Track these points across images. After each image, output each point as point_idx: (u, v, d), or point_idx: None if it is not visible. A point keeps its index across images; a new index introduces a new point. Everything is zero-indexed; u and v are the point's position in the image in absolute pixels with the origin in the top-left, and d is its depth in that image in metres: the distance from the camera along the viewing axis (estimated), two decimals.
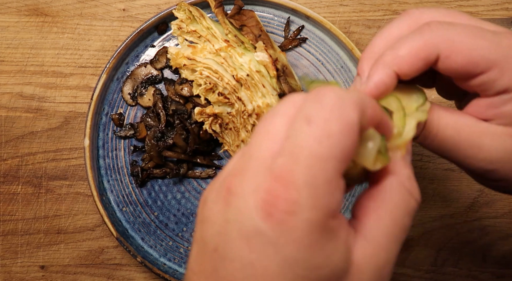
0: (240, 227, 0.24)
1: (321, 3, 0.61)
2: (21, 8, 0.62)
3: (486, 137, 0.30)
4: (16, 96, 0.61)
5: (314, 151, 0.23)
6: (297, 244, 0.23)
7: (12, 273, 0.60)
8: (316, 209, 0.23)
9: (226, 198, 0.25)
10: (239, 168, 0.25)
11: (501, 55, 0.29)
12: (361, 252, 0.25)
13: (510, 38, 0.30)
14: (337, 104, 0.24)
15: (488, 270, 0.60)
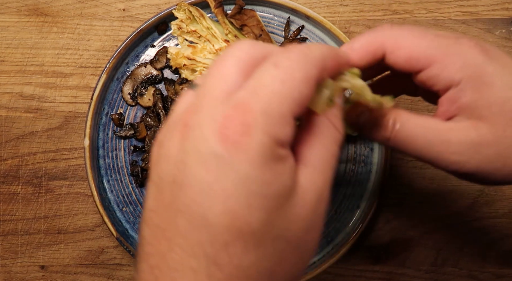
0: (198, 153, 0.26)
1: (321, 3, 0.61)
2: (21, 8, 0.62)
3: (453, 132, 0.33)
4: (16, 96, 0.61)
5: (276, 88, 0.26)
6: (251, 163, 0.25)
7: (12, 273, 0.60)
8: (268, 134, 0.25)
9: (182, 132, 0.27)
10: (195, 106, 0.27)
11: (440, 52, 0.33)
12: (303, 176, 0.28)
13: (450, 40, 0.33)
14: (302, 59, 0.27)
15: (488, 270, 0.60)
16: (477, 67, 0.32)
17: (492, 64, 0.32)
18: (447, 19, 0.61)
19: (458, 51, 0.33)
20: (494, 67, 0.32)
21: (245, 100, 0.26)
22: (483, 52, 0.33)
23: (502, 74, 0.32)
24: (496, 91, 0.32)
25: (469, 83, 0.32)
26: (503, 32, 0.61)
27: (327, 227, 0.57)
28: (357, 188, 0.57)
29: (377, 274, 0.60)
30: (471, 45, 0.33)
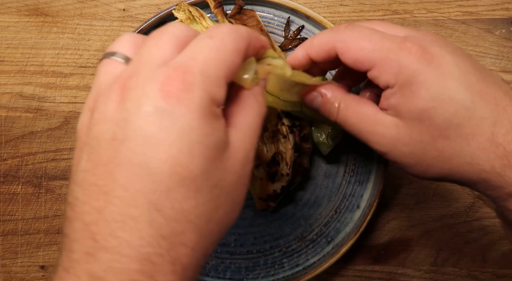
0: (139, 109, 0.27)
1: (321, 3, 0.61)
2: (21, 8, 0.62)
3: (379, 126, 0.37)
4: (16, 96, 0.61)
5: (212, 55, 0.29)
6: (193, 115, 0.27)
7: (12, 273, 0.60)
8: (206, 91, 0.28)
9: (120, 94, 0.29)
10: (132, 71, 0.29)
11: (380, 57, 0.36)
12: (234, 136, 0.31)
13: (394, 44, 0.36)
14: (234, 33, 0.31)
15: (488, 270, 0.60)
16: (409, 75, 0.35)
17: (426, 73, 0.35)
18: (447, 19, 0.61)
19: (397, 58, 0.36)
20: (425, 77, 0.35)
21: (185, 63, 0.28)
22: (422, 58, 0.35)
23: (431, 84, 0.35)
24: (419, 101, 0.35)
25: (400, 88, 0.36)
26: (503, 32, 0.61)
27: (327, 227, 0.57)
28: (357, 188, 0.57)
29: (377, 274, 0.60)
30: (412, 51, 0.35)
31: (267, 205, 0.55)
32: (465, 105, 0.35)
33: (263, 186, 0.54)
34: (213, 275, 0.56)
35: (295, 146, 0.52)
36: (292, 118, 0.52)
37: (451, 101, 0.35)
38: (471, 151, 0.35)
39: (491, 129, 0.34)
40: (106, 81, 0.31)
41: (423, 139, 0.36)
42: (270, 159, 0.53)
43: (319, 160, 0.58)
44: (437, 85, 0.35)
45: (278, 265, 0.57)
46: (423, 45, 0.36)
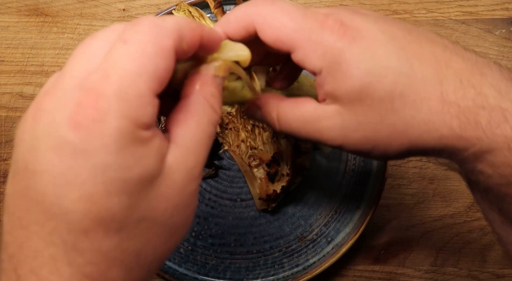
0: (49, 140, 0.24)
1: (321, 3, 0.61)
2: (21, 8, 0.62)
3: (323, 120, 0.33)
4: (16, 96, 0.61)
5: (127, 67, 0.24)
6: (106, 149, 0.24)
7: None
8: (125, 118, 0.24)
9: (34, 115, 0.26)
10: (51, 87, 0.26)
11: (303, 37, 0.32)
12: (173, 156, 0.27)
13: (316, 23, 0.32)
14: (153, 30, 0.26)
15: (488, 270, 0.60)
16: (335, 55, 0.31)
17: (352, 49, 0.31)
18: (447, 19, 0.61)
19: (319, 38, 0.32)
20: (352, 53, 0.31)
21: (97, 84, 0.24)
22: (345, 35, 0.31)
23: (361, 60, 0.31)
24: (353, 80, 0.31)
25: (329, 72, 0.32)
26: (503, 32, 0.61)
27: (327, 227, 0.57)
28: (357, 188, 0.57)
29: (377, 274, 0.60)
30: (334, 29, 0.32)
31: (267, 205, 0.56)
32: (403, 71, 0.31)
33: (263, 186, 0.54)
34: (213, 275, 0.56)
35: (295, 145, 0.52)
36: None
37: (386, 71, 0.31)
38: (423, 117, 0.31)
39: (438, 89, 0.31)
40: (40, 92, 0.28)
41: (371, 120, 0.32)
42: (270, 159, 0.53)
43: (319, 160, 0.58)
44: (367, 59, 0.31)
45: (278, 265, 0.57)
46: (344, 20, 0.32)
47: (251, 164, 0.55)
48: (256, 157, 0.54)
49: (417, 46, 0.32)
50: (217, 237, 0.57)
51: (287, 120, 0.35)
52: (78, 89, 0.25)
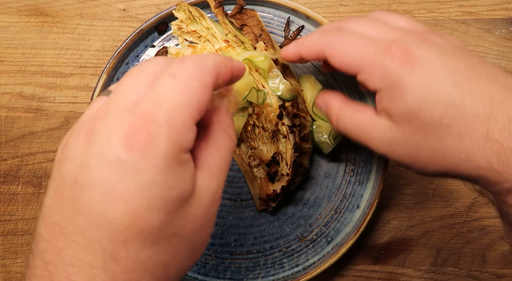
0: (102, 157, 0.27)
1: (321, 3, 0.61)
2: (21, 8, 0.62)
3: (374, 130, 0.39)
4: (16, 96, 0.61)
5: (176, 98, 0.29)
6: (155, 169, 0.27)
7: (12, 273, 0.60)
8: (172, 142, 0.28)
9: (88, 136, 0.29)
10: (102, 112, 0.30)
11: (365, 62, 0.37)
12: (200, 179, 0.31)
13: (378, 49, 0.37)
14: (198, 67, 0.30)
15: (488, 270, 0.60)
16: (394, 79, 0.36)
17: (410, 76, 0.35)
18: (447, 19, 0.61)
19: (381, 63, 0.37)
20: (409, 80, 0.35)
21: (149, 109, 0.28)
22: (406, 62, 0.36)
23: (416, 87, 0.35)
24: (406, 103, 0.36)
25: (386, 92, 0.37)
26: (503, 32, 0.61)
27: (327, 227, 0.57)
28: (357, 188, 0.57)
29: (377, 274, 0.60)
30: (396, 56, 0.36)
31: (267, 205, 0.56)
32: (454, 105, 0.35)
33: (263, 186, 0.54)
34: (213, 275, 0.56)
35: (295, 145, 0.52)
36: (292, 118, 0.52)
37: (438, 102, 0.35)
38: (465, 148, 0.35)
39: (485, 126, 0.34)
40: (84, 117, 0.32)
41: (416, 140, 0.36)
42: (270, 159, 0.53)
43: (319, 160, 0.58)
44: (422, 88, 0.35)
45: (278, 265, 0.57)
46: (408, 49, 0.36)
47: (251, 164, 0.55)
48: (256, 157, 0.54)
49: (475, 82, 0.35)
50: (217, 237, 0.57)
51: (345, 123, 0.42)
52: (131, 114, 0.28)
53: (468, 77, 0.35)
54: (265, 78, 0.52)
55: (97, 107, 0.31)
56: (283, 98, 0.51)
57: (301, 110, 0.53)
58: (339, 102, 0.43)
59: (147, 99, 0.29)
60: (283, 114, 0.51)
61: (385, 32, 0.39)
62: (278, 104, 0.51)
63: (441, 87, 0.35)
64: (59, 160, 0.30)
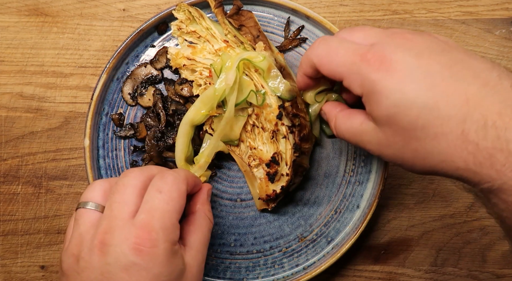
0: (119, 264, 0.37)
1: (321, 3, 0.61)
2: (21, 8, 0.62)
3: (364, 133, 0.41)
4: (16, 96, 0.61)
5: (165, 208, 0.39)
6: (160, 264, 0.38)
7: (12, 273, 0.60)
8: (168, 241, 0.38)
9: (101, 249, 0.38)
10: (107, 227, 0.39)
11: (346, 70, 0.40)
12: (189, 257, 0.42)
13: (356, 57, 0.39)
14: (175, 181, 0.41)
15: (488, 270, 0.60)
16: (370, 85, 0.37)
17: (384, 81, 0.36)
18: (447, 19, 0.61)
19: (358, 70, 0.38)
20: (383, 85, 0.37)
21: (148, 221, 0.38)
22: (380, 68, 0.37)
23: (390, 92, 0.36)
24: (382, 107, 0.37)
25: (367, 97, 0.39)
26: (503, 32, 0.61)
27: (327, 227, 0.57)
28: (357, 188, 0.57)
29: (377, 274, 0.60)
30: (371, 62, 0.37)
31: (267, 205, 0.55)
32: (428, 107, 0.35)
33: (263, 186, 0.54)
34: (213, 275, 0.56)
35: (295, 146, 0.52)
36: (292, 118, 0.52)
37: (412, 105, 0.35)
38: (442, 149, 0.35)
39: (460, 126, 0.34)
40: (87, 231, 0.40)
41: (397, 142, 0.38)
42: (269, 159, 0.53)
43: (319, 160, 0.58)
44: (396, 92, 0.36)
45: (278, 265, 0.57)
46: (384, 53, 0.37)
47: (251, 164, 0.55)
48: (256, 157, 0.54)
49: (451, 83, 0.35)
50: (217, 237, 0.57)
51: (341, 130, 0.44)
52: (134, 227, 0.38)
53: (443, 78, 0.35)
54: (264, 79, 0.52)
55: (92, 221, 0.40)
56: (282, 98, 0.51)
57: (301, 110, 0.52)
58: (335, 110, 0.46)
59: (142, 212, 0.39)
60: (283, 115, 0.51)
61: (368, 37, 0.41)
62: (278, 105, 0.51)
63: (414, 91, 0.35)
64: (75, 271, 0.39)
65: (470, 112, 0.34)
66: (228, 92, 0.51)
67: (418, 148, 0.37)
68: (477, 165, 0.34)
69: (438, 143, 0.35)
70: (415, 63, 0.36)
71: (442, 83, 0.35)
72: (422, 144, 0.36)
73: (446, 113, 0.35)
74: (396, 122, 0.37)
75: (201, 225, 0.44)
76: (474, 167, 0.34)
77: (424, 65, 0.36)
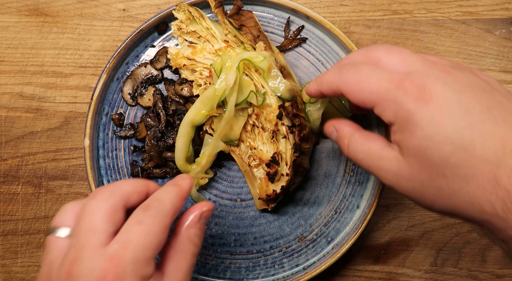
0: None
1: (321, 3, 0.61)
2: (21, 8, 0.62)
3: (383, 160, 0.39)
4: (16, 96, 0.61)
5: (141, 241, 0.36)
6: None
7: (12, 273, 0.60)
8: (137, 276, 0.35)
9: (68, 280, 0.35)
10: (74, 256, 0.36)
11: (379, 98, 0.38)
12: None
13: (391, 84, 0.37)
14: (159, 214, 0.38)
15: (488, 270, 0.60)
16: (405, 114, 0.36)
17: (421, 112, 0.35)
18: (447, 19, 0.61)
19: (393, 98, 0.37)
20: (420, 116, 0.35)
21: (118, 252, 0.35)
22: (419, 98, 0.36)
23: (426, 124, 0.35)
24: (415, 139, 0.36)
25: (399, 126, 0.37)
26: (503, 32, 0.61)
27: (327, 227, 0.57)
28: (357, 188, 0.57)
29: (377, 274, 0.60)
30: (408, 91, 0.36)
31: (267, 205, 0.55)
32: (463, 146, 0.34)
33: (263, 186, 0.54)
34: (213, 275, 0.56)
35: (295, 146, 0.52)
36: (292, 118, 0.52)
37: (446, 141, 0.34)
38: (470, 191, 0.34)
39: (493, 171, 0.33)
40: (55, 261, 0.37)
41: (422, 176, 0.36)
42: (270, 159, 0.53)
43: (319, 160, 0.58)
44: (432, 125, 0.35)
45: (278, 265, 0.57)
46: (423, 84, 0.36)
47: (251, 164, 0.55)
48: (256, 157, 0.54)
49: (490, 125, 0.34)
50: (217, 237, 0.57)
51: (355, 150, 0.42)
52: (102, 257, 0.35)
53: (483, 119, 0.34)
54: (264, 79, 0.52)
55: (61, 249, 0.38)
56: (283, 98, 0.51)
57: (301, 110, 0.53)
58: (351, 129, 0.44)
59: (116, 242, 0.36)
60: (283, 115, 0.51)
61: (406, 62, 0.39)
62: (278, 105, 0.51)
63: (452, 127, 0.34)
64: None
65: (505, 158, 0.33)
66: (228, 92, 0.51)
67: (443, 185, 0.35)
68: (505, 211, 0.33)
69: (467, 184, 0.34)
70: (455, 99, 0.35)
71: (481, 124, 0.34)
72: (449, 183, 0.35)
73: (480, 155, 0.34)
74: (425, 156, 0.35)
75: (183, 250, 0.40)
76: (502, 213, 0.33)
77: (464, 102, 0.35)
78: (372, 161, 0.40)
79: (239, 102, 0.52)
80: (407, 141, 0.36)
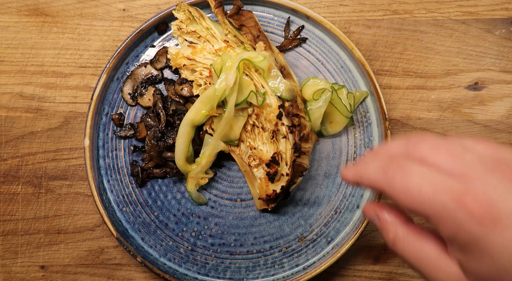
0: None
1: (321, 3, 0.61)
2: (21, 8, 0.62)
3: (441, 273, 0.34)
4: (16, 96, 0.61)
5: None
6: None
7: (12, 273, 0.60)
8: None
9: None
10: None
11: (434, 212, 0.32)
12: None
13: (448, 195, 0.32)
14: None
15: None
16: (470, 239, 0.31)
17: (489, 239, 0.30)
18: (447, 19, 0.61)
19: (453, 216, 0.31)
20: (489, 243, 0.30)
21: None
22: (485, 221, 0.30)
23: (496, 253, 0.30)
24: (486, 268, 0.31)
25: (461, 249, 0.32)
26: (503, 32, 0.61)
27: (327, 227, 0.57)
28: (357, 188, 0.57)
29: (377, 274, 0.60)
30: (472, 210, 0.31)
31: (267, 205, 0.55)
32: None
33: (262, 186, 0.54)
34: (213, 275, 0.56)
35: (295, 146, 0.52)
36: (292, 118, 0.52)
37: None
38: None
39: None
40: None
41: None
42: (269, 159, 0.53)
43: (319, 160, 0.58)
44: (505, 254, 0.30)
45: (278, 265, 0.57)
46: (490, 201, 0.31)
47: (251, 164, 0.55)
48: (256, 157, 0.54)
49: None
50: (217, 237, 0.57)
51: (404, 249, 0.36)
52: None
53: None
54: (264, 79, 0.52)
55: None
56: (282, 98, 0.51)
57: (301, 110, 0.53)
58: (397, 221, 0.37)
59: None
60: (283, 115, 0.51)
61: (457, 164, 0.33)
62: (278, 105, 0.51)
63: None
64: None
65: None
66: (228, 92, 0.51)
67: None
68: None
69: None
70: None
71: None
72: None
73: None
74: None
75: None
76: None
77: None
78: (426, 268, 0.35)
79: (239, 102, 0.52)
80: (474, 268, 0.32)
